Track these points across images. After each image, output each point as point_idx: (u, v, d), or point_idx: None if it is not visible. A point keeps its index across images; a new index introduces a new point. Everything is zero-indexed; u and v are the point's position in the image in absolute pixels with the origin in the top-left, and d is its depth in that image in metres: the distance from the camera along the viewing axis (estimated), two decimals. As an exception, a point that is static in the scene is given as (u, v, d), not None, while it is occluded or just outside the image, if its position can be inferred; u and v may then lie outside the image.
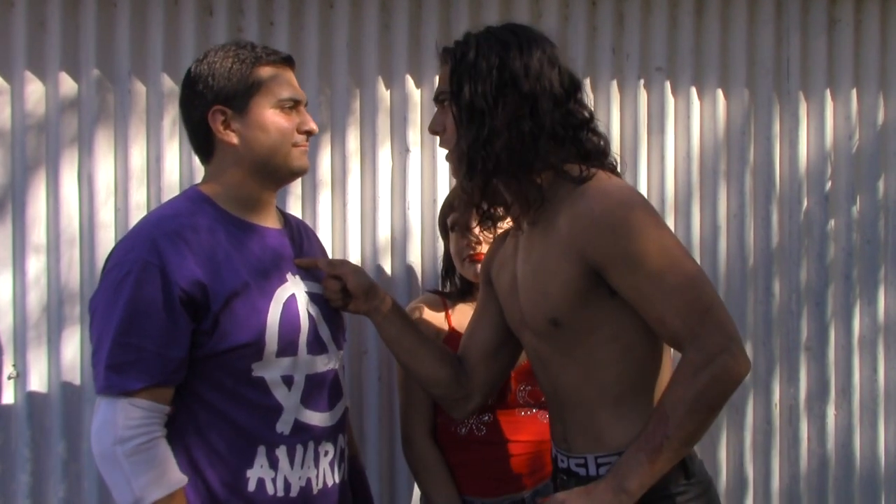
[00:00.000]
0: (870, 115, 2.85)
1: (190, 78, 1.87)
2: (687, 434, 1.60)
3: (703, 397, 1.59)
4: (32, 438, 2.33)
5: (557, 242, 1.70)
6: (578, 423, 1.77)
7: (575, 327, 1.71)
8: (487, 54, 1.72)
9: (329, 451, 1.89)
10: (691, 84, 2.74)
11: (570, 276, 1.68)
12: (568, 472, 1.80)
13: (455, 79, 1.74)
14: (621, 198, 1.67)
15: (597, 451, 1.74)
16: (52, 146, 2.34)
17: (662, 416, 1.60)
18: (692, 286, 1.62)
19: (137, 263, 1.72)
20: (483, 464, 2.22)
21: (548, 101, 1.71)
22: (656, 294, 1.62)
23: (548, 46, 1.77)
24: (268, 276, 1.84)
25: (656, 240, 1.64)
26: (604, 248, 1.63)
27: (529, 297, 1.78)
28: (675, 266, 1.63)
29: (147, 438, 1.71)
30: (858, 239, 2.84)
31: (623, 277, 1.64)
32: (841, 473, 2.85)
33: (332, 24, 2.51)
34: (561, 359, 1.77)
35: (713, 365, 1.58)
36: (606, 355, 1.72)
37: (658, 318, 1.64)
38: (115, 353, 1.71)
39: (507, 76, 1.71)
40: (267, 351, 1.79)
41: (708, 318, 1.60)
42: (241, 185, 1.87)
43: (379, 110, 2.54)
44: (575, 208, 1.67)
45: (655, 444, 1.60)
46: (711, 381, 1.58)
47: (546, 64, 1.73)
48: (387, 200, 2.55)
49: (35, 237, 2.33)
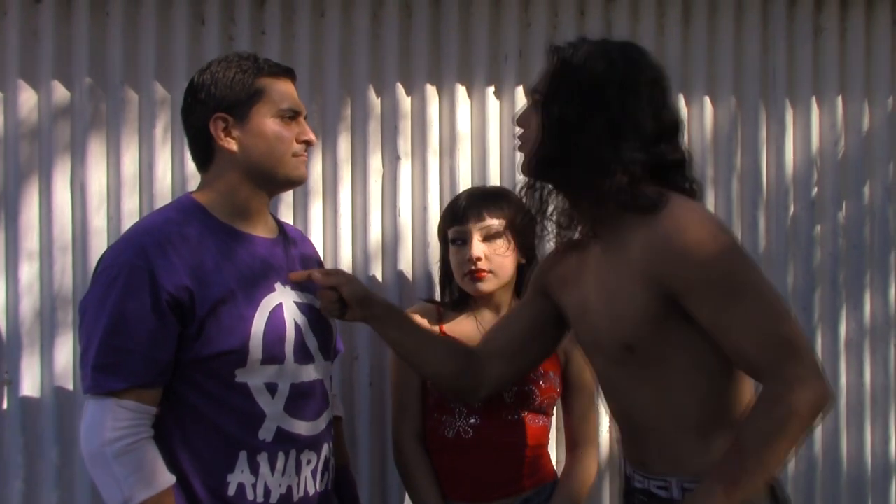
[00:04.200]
0: (855, 122, 2.87)
1: (192, 87, 1.90)
2: (764, 467, 1.56)
3: (782, 430, 1.55)
4: (25, 445, 2.33)
5: (630, 267, 1.66)
6: (655, 446, 1.74)
7: (650, 354, 1.68)
8: (591, 70, 1.68)
9: (312, 461, 1.90)
10: (679, 91, 2.75)
11: (644, 301, 1.64)
12: (648, 494, 1.76)
13: (552, 84, 1.71)
14: (698, 224, 1.62)
15: (681, 475, 1.70)
16: (45, 154, 2.36)
17: (739, 447, 1.57)
18: (771, 314, 1.59)
19: (126, 267, 1.75)
20: (471, 468, 2.22)
21: (633, 139, 1.66)
22: (733, 322, 1.58)
23: (657, 81, 1.72)
24: (255, 285, 1.85)
25: (736, 267, 1.61)
26: (680, 275, 1.60)
27: (603, 322, 1.73)
28: (754, 293, 1.59)
29: (135, 439, 1.73)
30: (844, 244, 2.87)
31: (699, 304, 1.60)
32: (828, 476, 2.87)
33: (323, 33, 2.53)
34: (633, 383, 1.73)
35: (793, 397, 1.54)
36: (684, 381, 1.68)
37: (735, 347, 1.60)
38: (102, 353, 1.74)
39: (602, 99, 1.66)
40: (251, 358, 1.81)
41: (788, 348, 1.56)
42: (236, 193, 1.89)
43: (370, 118, 2.56)
44: (649, 233, 1.63)
45: (732, 477, 1.56)
46: (791, 414, 1.54)
47: (646, 100, 1.68)
48: (378, 208, 2.56)
49: (28, 244, 2.34)
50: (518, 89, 2.64)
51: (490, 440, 2.22)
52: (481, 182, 2.57)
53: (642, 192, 1.66)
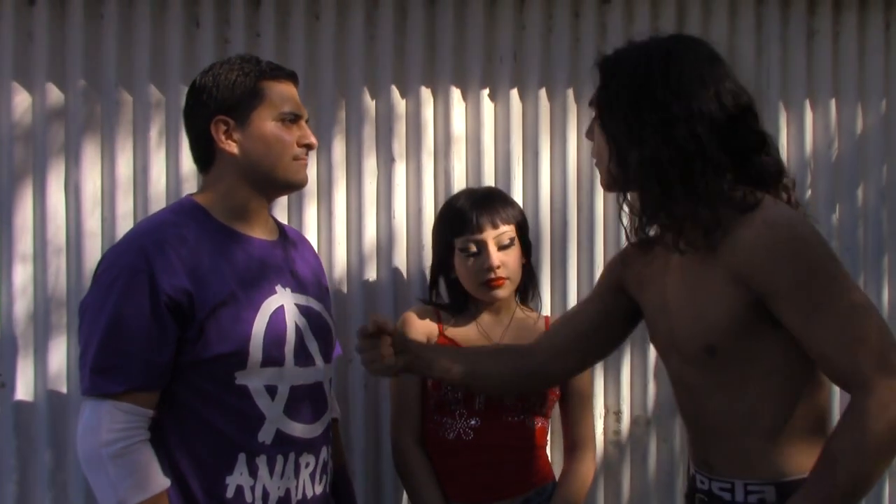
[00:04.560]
0: (848, 125, 2.88)
1: (194, 88, 1.91)
2: (858, 483, 1.51)
3: (877, 444, 1.49)
4: (18, 448, 2.33)
5: (718, 266, 1.62)
6: (724, 449, 1.71)
7: (731, 356, 1.65)
8: (631, 75, 1.65)
9: (310, 463, 1.91)
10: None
11: (732, 303, 1.61)
12: (710, 495, 1.73)
13: (602, 93, 1.70)
14: (790, 227, 1.58)
15: (746, 477, 1.67)
16: (40, 156, 2.35)
17: (830, 463, 1.52)
18: (863, 324, 1.54)
19: (126, 269, 1.76)
20: (471, 469, 2.23)
21: (703, 125, 1.60)
22: (825, 330, 1.54)
23: (706, 64, 1.65)
24: (255, 287, 1.85)
25: (828, 272, 1.57)
26: (770, 278, 1.56)
27: (683, 322, 1.70)
28: (847, 301, 1.55)
29: (131, 442, 1.73)
30: (838, 246, 2.87)
31: (790, 309, 1.56)
32: (822, 478, 2.87)
33: (317, 35, 2.53)
34: (709, 386, 1.70)
35: (883, 412, 1.49)
36: (763, 387, 1.65)
37: (825, 354, 1.56)
38: (100, 356, 1.74)
39: (647, 100, 1.62)
40: (251, 361, 1.81)
41: (880, 359, 1.51)
42: (236, 195, 1.89)
43: (364, 120, 2.56)
44: (740, 235, 1.59)
45: (824, 494, 1.51)
46: (881, 430, 1.49)
47: (698, 83, 1.62)
48: (372, 210, 2.57)
49: (22, 246, 2.34)
50: (513, 91, 2.64)
51: (490, 442, 2.23)
52: (476, 184, 2.57)
53: (735, 191, 1.62)
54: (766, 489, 1.66)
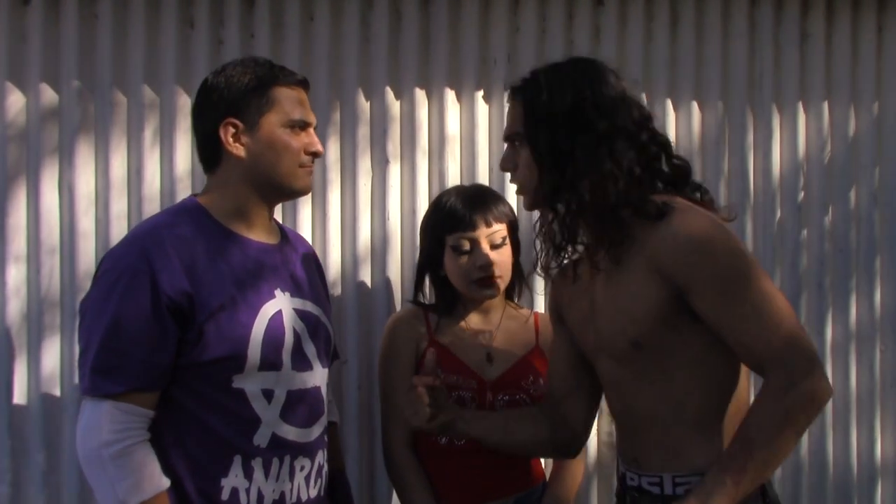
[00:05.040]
0: (841, 127, 2.90)
1: (206, 87, 1.91)
2: (771, 456, 1.62)
3: (789, 420, 1.60)
4: (12, 449, 2.32)
5: (640, 266, 1.71)
6: (652, 443, 1.78)
7: (656, 350, 1.73)
8: (561, 95, 1.75)
9: (305, 466, 1.91)
10: (666, 96, 2.78)
11: (654, 299, 1.70)
12: (640, 491, 1.80)
13: (530, 121, 1.77)
14: (704, 224, 1.69)
15: (673, 470, 1.75)
16: (33, 156, 2.35)
17: (747, 438, 1.61)
18: (775, 311, 1.64)
19: (128, 270, 1.76)
20: (462, 473, 2.23)
21: (623, 139, 1.74)
22: (740, 318, 1.64)
23: (614, 80, 1.79)
24: (255, 291, 1.86)
25: (740, 264, 1.67)
26: (688, 271, 1.66)
27: (610, 321, 1.79)
28: (759, 291, 1.65)
29: (131, 442, 1.73)
30: (830, 248, 2.89)
31: (707, 301, 1.66)
32: (815, 479, 2.88)
33: (312, 36, 2.53)
34: (637, 381, 1.78)
35: (798, 389, 1.60)
36: (686, 378, 1.73)
37: (741, 341, 1.66)
38: (101, 356, 1.74)
39: (582, 118, 1.73)
40: (248, 365, 1.81)
41: (792, 342, 1.62)
42: (240, 198, 1.89)
43: (359, 122, 2.56)
44: (659, 234, 1.69)
45: (740, 467, 1.60)
46: (797, 404, 1.60)
47: (618, 101, 1.76)
48: (366, 211, 2.57)
49: (15, 247, 2.34)
50: (507, 93, 2.64)
51: (482, 446, 2.22)
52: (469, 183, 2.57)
53: (651, 200, 1.72)
54: (693, 480, 1.71)
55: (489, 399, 2.23)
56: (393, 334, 2.31)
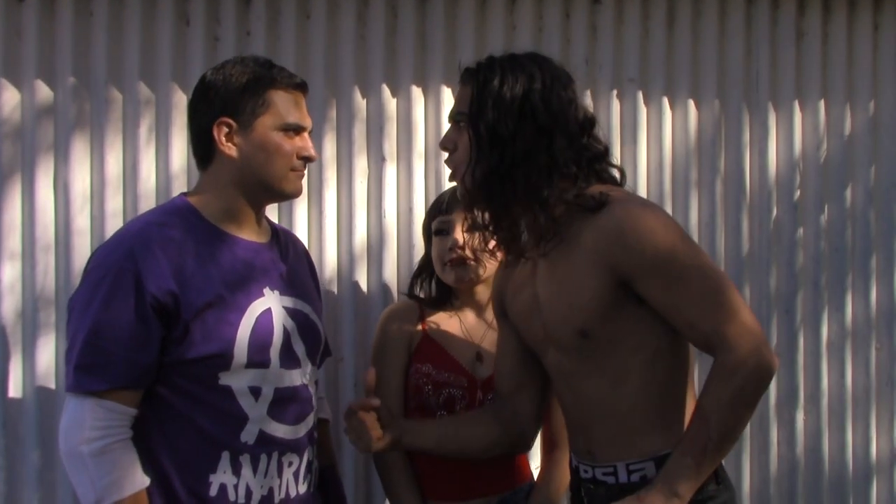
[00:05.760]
0: (837, 126, 2.90)
1: (203, 84, 1.91)
2: (729, 433, 1.66)
3: (742, 395, 1.65)
4: (7, 447, 2.32)
5: (583, 256, 1.74)
6: (605, 433, 1.79)
7: (603, 338, 1.75)
8: (512, 83, 1.77)
9: (293, 463, 1.91)
10: (663, 95, 2.78)
11: (598, 288, 1.72)
12: (594, 482, 1.82)
13: (477, 103, 1.78)
14: (644, 210, 1.73)
15: (627, 458, 1.77)
16: (28, 154, 2.34)
17: (703, 418, 1.65)
18: (719, 290, 1.69)
19: (113, 269, 1.77)
20: (449, 469, 2.22)
21: (563, 138, 1.76)
22: (685, 300, 1.68)
23: (568, 83, 1.82)
24: (243, 289, 1.86)
25: (681, 248, 1.71)
26: (631, 259, 1.69)
27: (556, 312, 1.80)
28: (701, 272, 1.70)
29: (113, 440, 1.74)
30: (826, 247, 2.89)
31: (652, 285, 1.70)
32: (810, 477, 2.89)
33: (308, 34, 2.53)
34: (586, 371, 1.79)
35: (747, 364, 1.64)
36: (634, 364, 1.75)
37: (688, 322, 1.70)
38: (84, 353, 1.75)
39: (528, 108, 1.75)
40: (235, 362, 1.81)
41: (737, 319, 1.66)
42: (230, 198, 1.89)
43: (355, 120, 2.56)
44: (599, 223, 1.71)
45: (700, 447, 1.65)
46: (747, 380, 1.64)
47: (565, 101, 1.78)
48: (363, 209, 2.56)
49: (10, 244, 2.33)
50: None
51: None
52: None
53: (586, 193, 1.75)
54: (646, 465, 1.75)
55: (479, 397, 2.22)
56: (386, 327, 2.30)
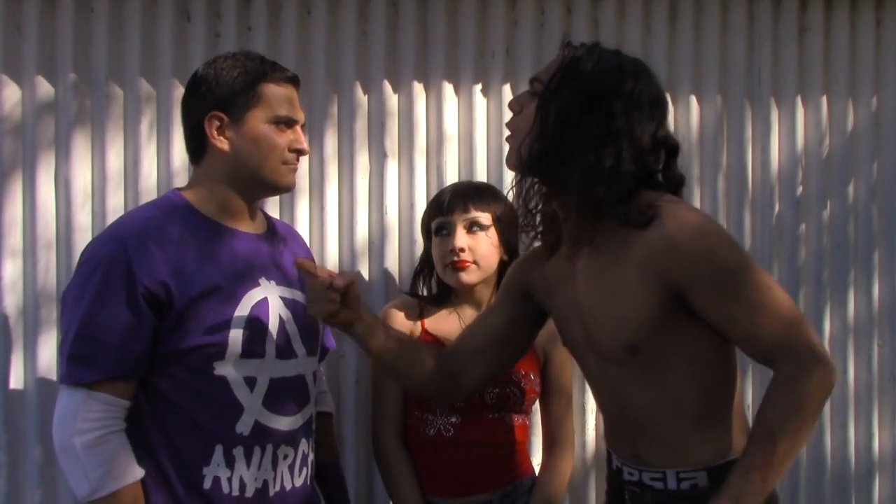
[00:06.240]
0: (840, 121, 2.89)
1: (195, 79, 1.92)
2: (793, 447, 1.62)
3: (804, 408, 1.61)
4: (8, 443, 2.32)
5: (633, 269, 1.68)
6: (653, 441, 1.77)
7: (653, 352, 1.71)
8: (603, 74, 1.71)
9: (289, 455, 1.91)
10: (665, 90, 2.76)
11: (650, 302, 1.68)
12: (641, 486, 1.79)
13: (559, 78, 1.72)
14: (698, 222, 1.68)
15: (677, 465, 1.74)
16: (29, 150, 2.34)
17: (769, 432, 1.61)
18: (778, 302, 1.65)
19: (105, 260, 1.78)
20: (450, 465, 2.23)
21: (629, 149, 1.69)
22: (744, 312, 1.64)
23: (657, 102, 1.75)
24: (238, 280, 1.86)
25: (738, 260, 1.67)
26: (688, 272, 1.64)
27: (601, 325, 1.75)
28: (759, 284, 1.66)
29: (105, 431, 1.74)
30: (829, 243, 2.88)
31: (708, 300, 1.65)
32: (812, 473, 2.88)
33: (309, 29, 2.53)
34: (633, 382, 1.76)
35: (808, 376, 1.60)
36: (684, 377, 1.72)
37: (746, 335, 1.66)
38: (77, 344, 1.76)
39: (606, 104, 1.69)
40: (230, 352, 1.82)
41: (797, 331, 1.63)
42: (223, 192, 1.90)
43: (356, 116, 2.55)
44: (651, 236, 1.66)
45: (766, 461, 1.60)
46: (809, 393, 1.61)
47: (647, 117, 1.71)
48: (364, 205, 2.56)
49: (12, 241, 2.33)
50: (505, 87, 2.64)
51: (470, 438, 2.23)
52: (468, 179, 2.57)
53: (635, 208, 1.68)
54: (697, 474, 1.73)
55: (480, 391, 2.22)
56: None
